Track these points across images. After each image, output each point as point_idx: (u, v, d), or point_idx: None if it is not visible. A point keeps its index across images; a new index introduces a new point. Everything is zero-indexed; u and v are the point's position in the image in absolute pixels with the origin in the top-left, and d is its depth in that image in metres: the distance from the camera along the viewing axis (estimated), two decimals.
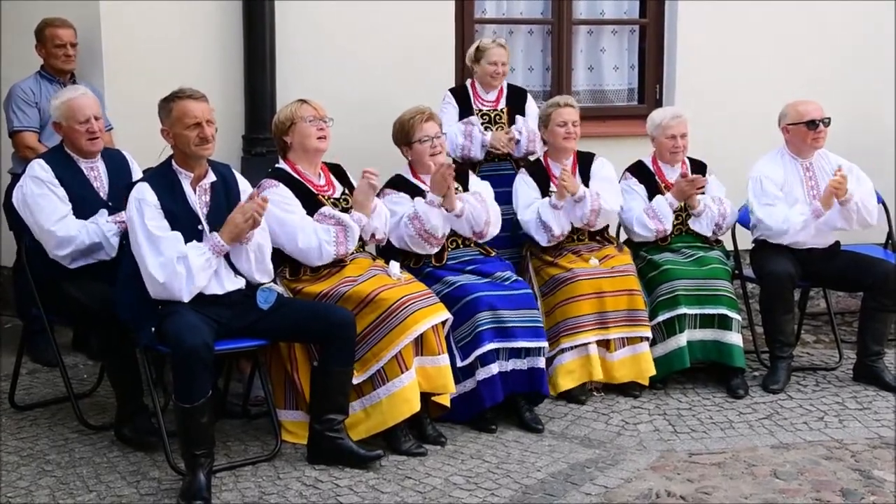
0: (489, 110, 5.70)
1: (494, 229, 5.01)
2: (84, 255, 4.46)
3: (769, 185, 5.31)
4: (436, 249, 4.84)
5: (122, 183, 4.50)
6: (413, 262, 4.90)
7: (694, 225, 5.41)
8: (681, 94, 6.46)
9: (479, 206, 4.90)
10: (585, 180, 5.30)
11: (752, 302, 5.74)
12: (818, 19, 6.55)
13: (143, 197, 4.06)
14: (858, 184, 5.29)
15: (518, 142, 5.62)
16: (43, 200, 4.44)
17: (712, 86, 6.41)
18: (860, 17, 6.60)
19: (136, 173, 4.68)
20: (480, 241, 5.03)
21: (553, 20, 6.46)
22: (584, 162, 5.39)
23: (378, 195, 4.75)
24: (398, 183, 4.94)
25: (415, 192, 4.87)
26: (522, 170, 5.41)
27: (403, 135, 4.91)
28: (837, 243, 5.44)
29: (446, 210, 4.77)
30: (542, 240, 5.17)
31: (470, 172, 5.20)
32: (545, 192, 5.24)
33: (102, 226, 4.46)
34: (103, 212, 4.50)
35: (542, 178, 5.30)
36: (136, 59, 5.58)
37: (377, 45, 5.92)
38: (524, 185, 5.28)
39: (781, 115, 5.43)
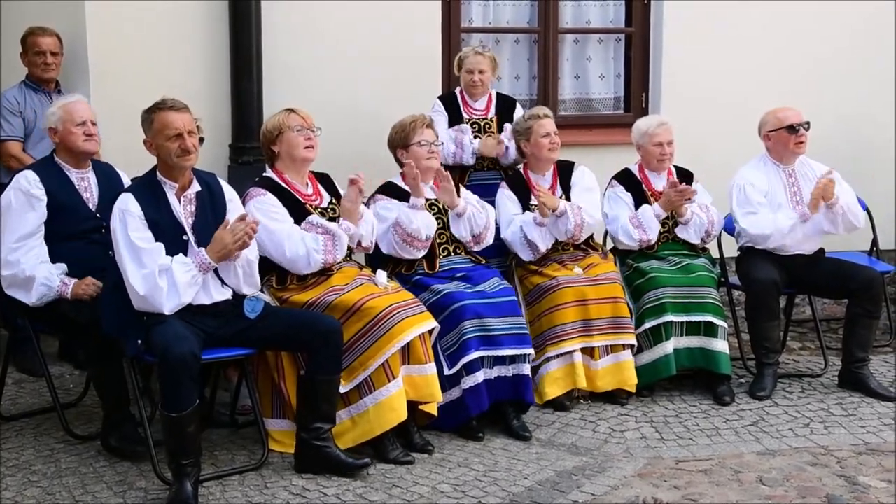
0: (479, 118, 5.72)
1: (492, 236, 5.05)
2: (16, 287, 4.40)
3: (752, 192, 5.34)
4: (422, 253, 4.85)
5: (112, 195, 4.49)
6: (405, 269, 4.91)
7: (681, 233, 5.42)
8: (667, 102, 6.48)
9: (479, 209, 4.99)
10: (566, 190, 5.33)
11: (738, 309, 5.77)
12: (804, 27, 6.59)
13: (127, 208, 4.06)
14: (840, 188, 5.32)
15: (507, 148, 5.63)
16: (14, 215, 4.41)
17: (698, 94, 6.44)
18: (847, 25, 6.64)
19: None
20: (476, 248, 5.05)
21: (539, 28, 6.48)
22: (564, 171, 5.41)
23: (368, 201, 4.79)
24: (389, 190, 4.95)
25: (407, 198, 4.88)
26: (503, 184, 5.39)
27: (403, 137, 4.93)
28: (822, 250, 5.47)
29: (449, 209, 4.89)
30: (527, 256, 5.18)
31: (461, 187, 5.23)
32: (526, 204, 5.25)
33: (49, 269, 4.39)
34: (61, 266, 4.42)
35: (523, 190, 5.30)
36: (121, 65, 5.57)
37: (364, 53, 5.93)
38: (506, 201, 5.28)
39: (762, 124, 5.48)
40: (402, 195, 4.91)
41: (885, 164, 6.75)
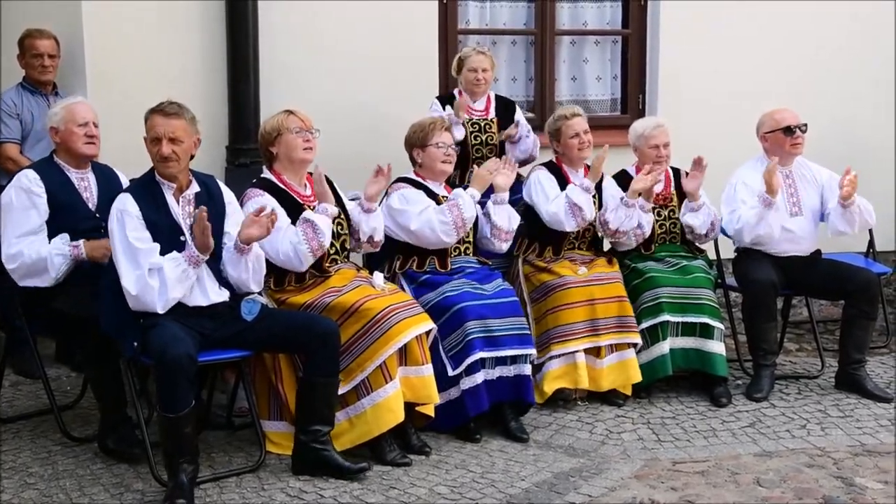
0: (479, 119, 5.73)
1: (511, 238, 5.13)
2: (30, 275, 4.38)
3: (742, 189, 5.34)
4: (454, 241, 4.86)
5: (111, 196, 4.49)
6: (416, 266, 4.91)
7: (692, 219, 5.37)
8: (663, 104, 6.49)
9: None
10: (599, 192, 5.33)
11: (736, 311, 5.77)
12: (801, 28, 6.59)
13: (125, 208, 4.06)
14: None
15: (518, 139, 5.66)
16: (16, 213, 4.40)
17: (695, 95, 6.43)
18: (845, 27, 6.65)
19: None
20: (503, 243, 5.06)
21: (536, 30, 6.48)
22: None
23: (386, 193, 4.86)
24: (406, 182, 4.96)
25: (423, 190, 4.90)
26: (540, 167, 5.39)
27: (422, 137, 4.94)
28: (818, 252, 5.48)
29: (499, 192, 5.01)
30: (572, 225, 5.14)
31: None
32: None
33: (53, 243, 4.39)
34: (64, 236, 4.42)
35: (560, 178, 5.30)
36: (119, 65, 5.56)
37: (362, 54, 5.93)
38: (548, 180, 5.26)
39: (759, 125, 5.49)
40: (418, 188, 4.92)
41: (882, 165, 6.76)
